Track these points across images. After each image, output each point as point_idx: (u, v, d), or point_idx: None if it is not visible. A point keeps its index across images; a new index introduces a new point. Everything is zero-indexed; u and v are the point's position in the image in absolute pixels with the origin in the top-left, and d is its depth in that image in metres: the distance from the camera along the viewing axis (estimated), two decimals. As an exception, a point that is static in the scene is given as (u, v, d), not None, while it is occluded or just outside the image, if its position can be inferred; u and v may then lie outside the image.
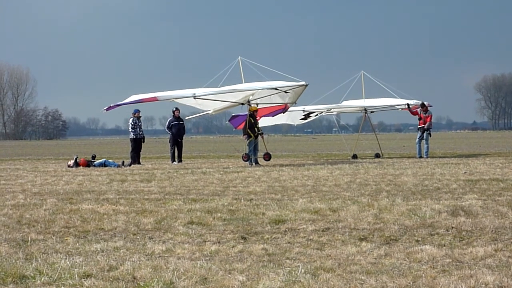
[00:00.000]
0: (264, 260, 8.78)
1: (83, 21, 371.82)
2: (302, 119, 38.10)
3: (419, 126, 34.30)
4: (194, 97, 29.29)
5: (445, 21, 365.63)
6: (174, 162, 32.91)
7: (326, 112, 38.35)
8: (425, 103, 34.55)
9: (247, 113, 31.35)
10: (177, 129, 33.45)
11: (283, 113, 34.04)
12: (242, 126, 34.82)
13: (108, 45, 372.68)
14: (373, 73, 37.34)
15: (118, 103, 29.11)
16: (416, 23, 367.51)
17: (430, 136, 34.36)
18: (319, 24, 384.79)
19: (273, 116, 34.44)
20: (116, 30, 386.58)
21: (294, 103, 32.33)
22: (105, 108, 29.24)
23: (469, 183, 17.85)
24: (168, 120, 34.16)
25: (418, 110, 34.58)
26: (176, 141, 33.47)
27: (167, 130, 34.12)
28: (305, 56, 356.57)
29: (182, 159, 34.05)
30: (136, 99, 29.02)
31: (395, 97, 36.69)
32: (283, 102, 32.04)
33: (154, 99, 28.39)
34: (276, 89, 30.08)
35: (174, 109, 33.57)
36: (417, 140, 34.48)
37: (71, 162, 30.64)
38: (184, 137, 34.42)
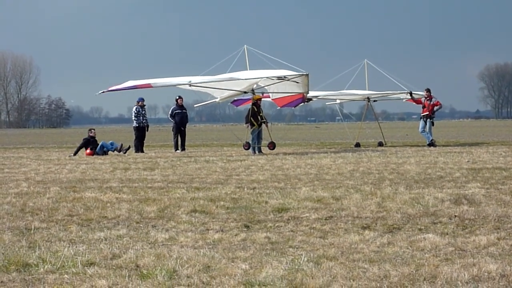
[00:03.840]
0: (267, 249, 8.79)
1: (87, 9, 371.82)
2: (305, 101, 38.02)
3: (422, 114, 34.03)
4: (190, 85, 28.91)
5: (448, 10, 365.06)
6: (178, 151, 32.91)
7: (326, 97, 38.17)
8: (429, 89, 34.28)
9: (249, 97, 31.35)
10: (180, 118, 33.41)
11: (303, 103, 33.98)
12: (244, 104, 35.01)
13: (112, 33, 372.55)
14: (375, 63, 37.31)
15: (113, 88, 28.84)
16: (419, 12, 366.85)
17: (433, 125, 34.13)
18: (323, 14, 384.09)
19: (294, 106, 34.38)
20: (120, 18, 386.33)
21: (307, 92, 32.14)
22: (100, 91, 28.98)
23: (472, 172, 17.84)
24: (171, 109, 34.14)
25: (422, 98, 34.39)
26: (179, 130, 33.44)
27: (170, 119, 34.10)
28: (309, 46, 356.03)
29: (186, 147, 34.04)
30: (131, 85, 28.67)
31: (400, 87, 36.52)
32: (299, 91, 31.88)
33: (149, 85, 28.09)
34: (279, 78, 30.05)
35: (177, 97, 33.51)
36: (421, 129, 34.21)
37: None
38: (187, 125, 34.39)
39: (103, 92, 28.91)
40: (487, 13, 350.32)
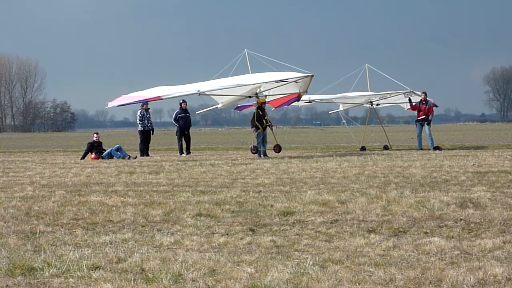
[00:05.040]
0: (273, 252, 8.78)
1: (93, 13, 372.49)
2: (306, 102, 38.07)
3: (418, 118, 33.84)
4: (199, 94, 29.10)
5: (454, 12, 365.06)
6: (183, 154, 32.94)
7: (329, 101, 38.20)
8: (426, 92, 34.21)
9: (252, 103, 31.43)
10: (184, 122, 33.49)
11: (298, 101, 33.98)
12: (247, 108, 35.33)
13: (117, 37, 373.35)
14: (379, 66, 37.30)
15: (122, 102, 29.05)
16: (424, 14, 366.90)
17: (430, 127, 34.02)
18: (325, 16, 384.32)
19: (288, 105, 34.35)
20: (126, 22, 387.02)
21: (305, 92, 32.19)
22: (111, 104, 29.15)
23: (478, 175, 17.81)
24: (175, 112, 34.21)
25: (418, 102, 34.30)
26: (183, 133, 33.52)
27: (174, 122, 34.17)
28: (311, 49, 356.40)
29: (191, 151, 34.10)
30: (141, 99, 29.23)
31: (401, 87, 36.45)
32: (296, 91, 31.93)
33: (158, 98, 28.51)
34: (282, 81, 30.06)
35: (181, 101, 33.59)
36: (419, 132, 34.17)
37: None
38: (190, 129, 34.45)
39: (113, 106, 29.18)
40: (492, 16, 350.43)
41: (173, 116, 34.22)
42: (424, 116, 33.59)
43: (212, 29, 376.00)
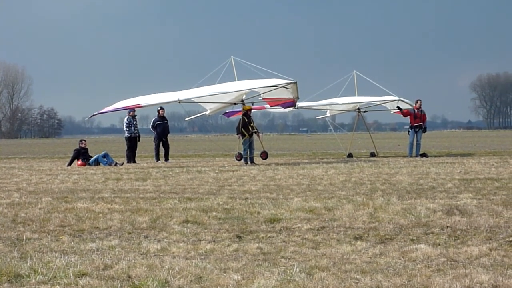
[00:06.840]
0: (259, 259, 8.78)
1: (79, 20, 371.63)
2: (293, 108, 38.18)
3: (416, 124, 33.84)
4: (179, 102, 29.21)
5: (440, 20, 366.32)
6: (159, 161, 33.00)
7: (317, 108, 38.27)
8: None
9: (240, 109, 31.49)
10: (162, 129, 33.60)
11: (294, 107, 34.06)
12: (235, 115, 35.43)
13: (104, 44, 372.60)
14: (366, 72, 37.40)
15: (102, 110, 30.19)
16: (410, 21, 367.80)
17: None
18: (313, 23, 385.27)
19: (284, 108, 34.35)
20: (112, 29, 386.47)
21: (297, 98, 32.24)
22: (89, 116, 30.01)
23: (464, 182, 17.86)
24: (153, 120, 34.32)
25: (410, 109, 34.41)
26: (161, 140, 33.61)
27: (152, 130, 34.24)
28: (299, 55, 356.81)
29: (170, 157, 34.16)
30: (121, 107, 29.70)
31: (390, 94, 36.60)
32: (290, 97, 31.96)
33: (138, 106, 29.06)
34: (266, 87, 30.21)
35: (159, 108, 33.62)
36: (412, 139, 34.07)
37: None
38: (169, 136, 34.48)
39: (94, 115, 30.07)
40: (479, 24, 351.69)
41: (151, 124, 34.36)
42: (420, 123, 33.74)
43: (199, 36, 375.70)
